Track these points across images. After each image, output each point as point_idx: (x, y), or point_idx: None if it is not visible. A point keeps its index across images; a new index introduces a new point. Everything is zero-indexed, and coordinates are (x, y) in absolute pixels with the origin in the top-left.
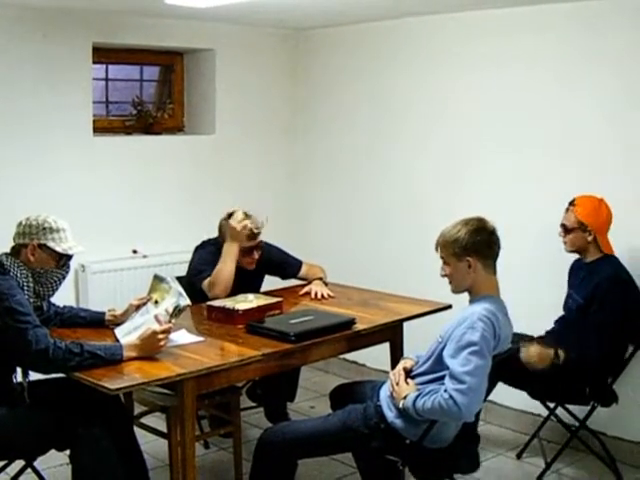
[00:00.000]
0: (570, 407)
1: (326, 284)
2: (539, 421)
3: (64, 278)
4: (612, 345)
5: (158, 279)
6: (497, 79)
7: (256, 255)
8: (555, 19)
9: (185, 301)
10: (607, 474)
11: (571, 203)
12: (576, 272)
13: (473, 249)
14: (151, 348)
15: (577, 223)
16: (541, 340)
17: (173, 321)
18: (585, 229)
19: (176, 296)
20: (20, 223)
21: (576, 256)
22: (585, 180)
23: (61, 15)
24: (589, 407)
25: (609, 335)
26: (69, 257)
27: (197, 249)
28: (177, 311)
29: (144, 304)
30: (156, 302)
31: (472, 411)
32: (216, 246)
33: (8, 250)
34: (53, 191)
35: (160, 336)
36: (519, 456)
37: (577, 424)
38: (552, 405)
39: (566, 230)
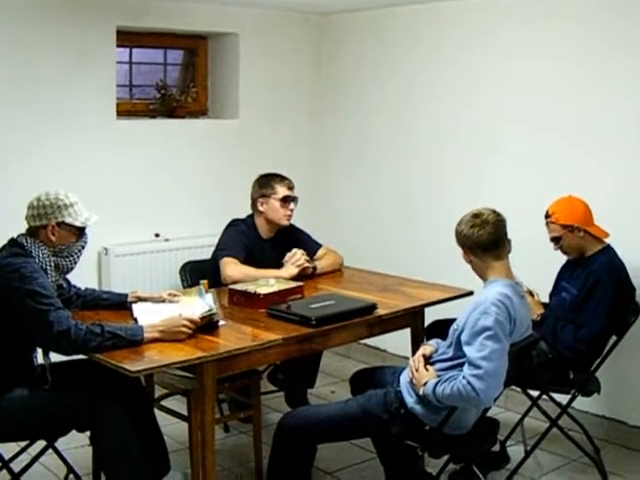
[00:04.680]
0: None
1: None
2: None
3: (84, 248)
4: (601, 340)
5: (198, 292)
6: (524, 66)
7: (292, 206)
8: (587, 5)
9: (217, 312)
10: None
11: (546, 216)
12: (571, 267)
13: (461, 242)
14: (173, 333)
15: (562, 228)
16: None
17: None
18: (572, 229)
19: (209, 306)
20: (32, 205)
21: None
22: (614, 171)
23: None
24: (570, 396)
25: (599, 329)
26: (85, 228)
27: (226, 228)
28: (207, 316)
29: (174, 302)
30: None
31: (491, 396)
32: (246, 225)
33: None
34: (76, 174)
35: (184, 322)
36: (502, 444)
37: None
38: (535, 394)
39: (557, 240)
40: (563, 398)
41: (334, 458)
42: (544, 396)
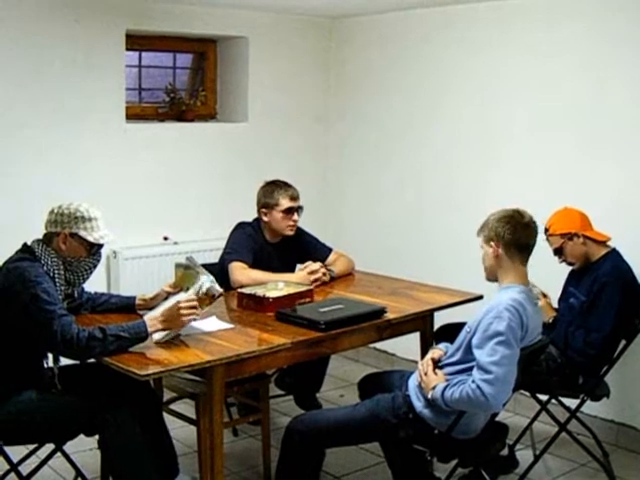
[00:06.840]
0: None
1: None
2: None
3: (95, 267)
4: (610, 344)
5: (182, 267)
6: (533, 71)
7: (296, 217)
8: (596, 8)
9: (213, 281)
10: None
11: (545, 231)
12: (578, 273)
13: (497, 235)
14: (175, 320)
15: (562, 237)
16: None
17: (198, 301)
18: (571, 237)
19: (203, 278)
20: (52, 211)
21: None
22: (622, 174)
23: (95, 1)
24: (579, 400)
25: (608, 333)
26: (100, 246)
27: (233, 231)
28: (205, 292)
29: (176, 293)
30: (187, 289)
31: (500, 401)
32: (253, 228)
33: (41, 237)
34: (85, 177)
35: (184, 305)
36: (511, 448)
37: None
38: (544, 398)
39: (560, 251)
40: (572, 402)
41: (342, 462)
42: (553, 400)
